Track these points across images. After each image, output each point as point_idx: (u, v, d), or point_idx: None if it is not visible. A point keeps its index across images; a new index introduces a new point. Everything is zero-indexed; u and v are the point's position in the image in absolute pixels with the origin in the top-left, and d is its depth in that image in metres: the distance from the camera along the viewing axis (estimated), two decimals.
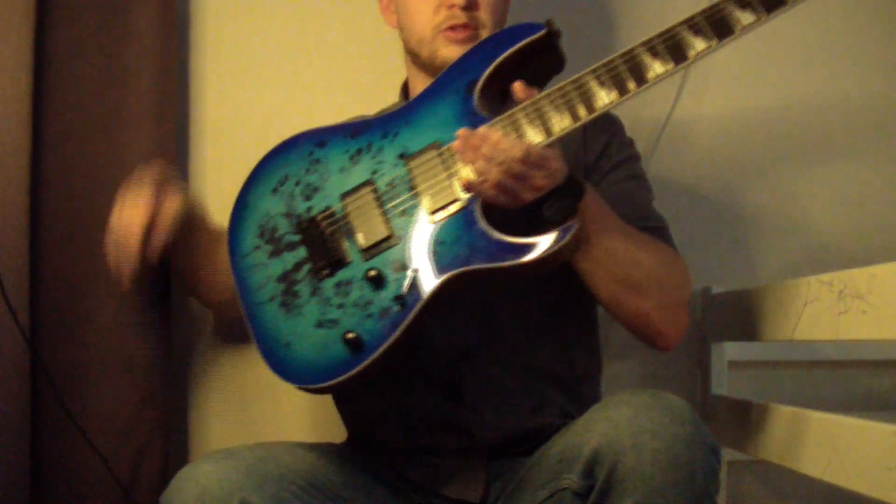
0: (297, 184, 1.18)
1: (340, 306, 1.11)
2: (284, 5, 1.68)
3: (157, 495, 1.08)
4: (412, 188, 1.13)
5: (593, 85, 1.09)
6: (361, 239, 1.13)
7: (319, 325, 1.11)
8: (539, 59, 1.17)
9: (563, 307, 1.29)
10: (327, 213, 1.15)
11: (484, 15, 1.26)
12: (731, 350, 1.65)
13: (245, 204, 1.20)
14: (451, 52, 1.26)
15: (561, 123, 1.09)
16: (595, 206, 1.13)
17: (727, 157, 1.77)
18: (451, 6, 1.25)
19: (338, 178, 1.17)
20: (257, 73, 1.67)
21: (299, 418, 1.58)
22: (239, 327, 1.21)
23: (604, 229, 1.14)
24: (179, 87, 1.62)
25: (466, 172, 1.09)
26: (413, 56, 1.33)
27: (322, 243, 1.14)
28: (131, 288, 1.29)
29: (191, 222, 1.28)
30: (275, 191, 1.19)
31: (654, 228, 1.26)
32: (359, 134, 1.19)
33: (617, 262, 1.15)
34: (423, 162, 1.13)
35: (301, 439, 1.28)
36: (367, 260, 1.12)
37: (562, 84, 1.10)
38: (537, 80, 1.15)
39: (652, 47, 1.09)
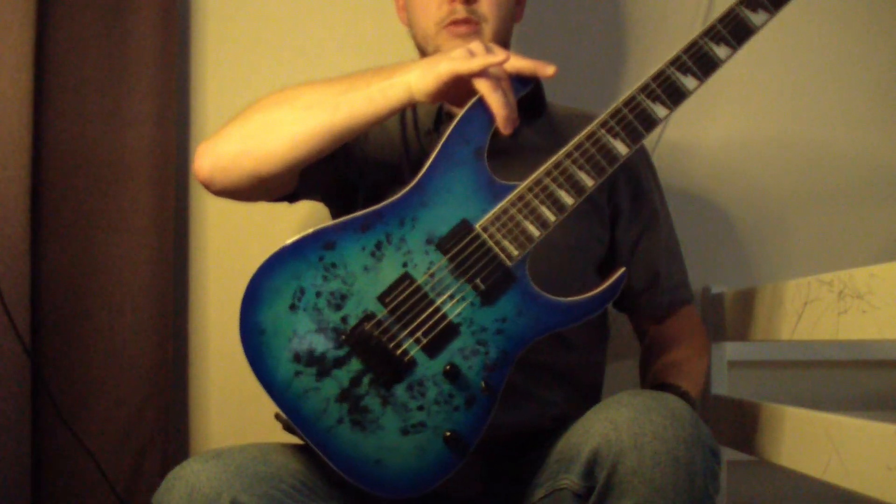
0: (318, 295, 1.08)
1: (421, 408, 1.07)
2: (284, 5, 1.68)
3: None
4: (457, 274, 1.09)
5: (609, 138, 1.11)
6: (421, 337, 1.08)
7: (405, 432, 1.07)
8: (523, 107, 1.18)
9: None
10: (370, 318, 1.08)
11: (485, 9, 1.26)
12: (731, 350, 1.65)
13: (260, 329, 1.08)
14: (453, 47, 1.25)
15: (589, 181, 1.10)
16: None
17: (728, 156, 1.77)
18: (452, 1, 1.25)
19: (365, 278, 1.09)
20: (257, 73, 1.67)
21: None
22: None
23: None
24: (179, 87, 1.62)
25: (509, 245, 1.09)
26: (421, 52, 1.33)
27: (378, 351, 1.07)
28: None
29: None
30: (293, 307, 1.08)
31: (684, 299, 1.42)
32: (370, 226, 1.10)
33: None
34: (459, 245, 1.10)
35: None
36: (433, 357, 1.08)
37: (577, 140, 1.11)
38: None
39: (651, 91, 1.11)
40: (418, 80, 1.10)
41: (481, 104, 1.10)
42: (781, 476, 1.59)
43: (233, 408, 1.62)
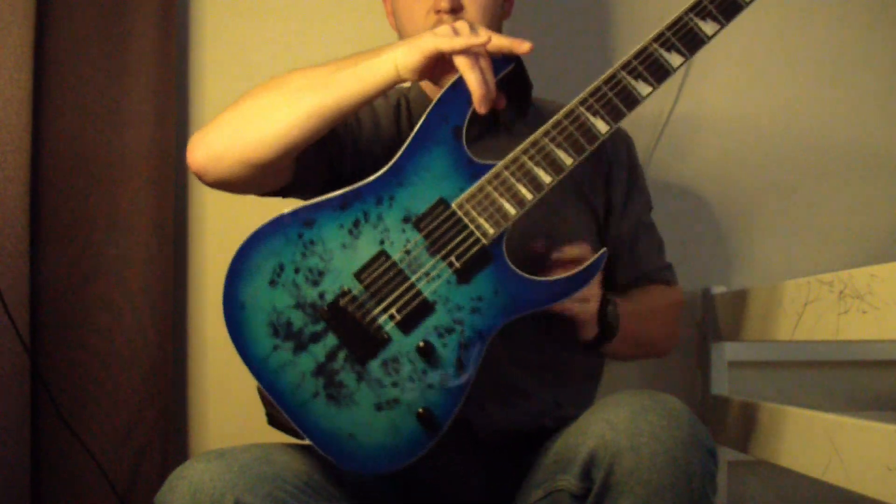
0: (296, 271, 1.10)
1: (395, 384, 1.08)
2: (284, 5, 1.68)
3: None
4: (432, 251, 1.10)
5: (588, 116, 1.10)
6: (395, 313, 1.09)
7: (379, 408, 1.08)
8: (507, 87, 1.17)
9: None
10: (346, 294, 1.09)
11: (471, 16, 1.26)
12: (731, 350, 1.65)
13: (240, 304, 1.10)
14: None
15: (567, 160, 1.10)
16: (624, 308, 1.23)
17: (727, 157, 1.77)
18: (438, 11, 1.26)
19: (342, 255, 1.10)
20: (257, 73, 1.67)
21: None
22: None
23: (643, 321, 1.24)
24: (179, 87, 1.62)
25: (485, 223, 1.10)
26: None
27: (353, 327, 1.09)
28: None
29: None
30: (272, 283, 1.10)
31: (663, 269, 1.39)
32: (349, 204, 1.11)
33: (635, 339, 1.26)
34: (434, 222, 1.10)
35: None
36: (407, 333, 1.09)
37: (556, 119, 1.10)
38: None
39: (633, 69, 1.11)
40: (403, 56, 1.10)
41: (461, 84, 1.10)
42: (781, 476, 1.60)
43: (232, 408, 1.62)
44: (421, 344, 1.08)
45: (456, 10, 1.25)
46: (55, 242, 1.52)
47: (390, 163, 1.13)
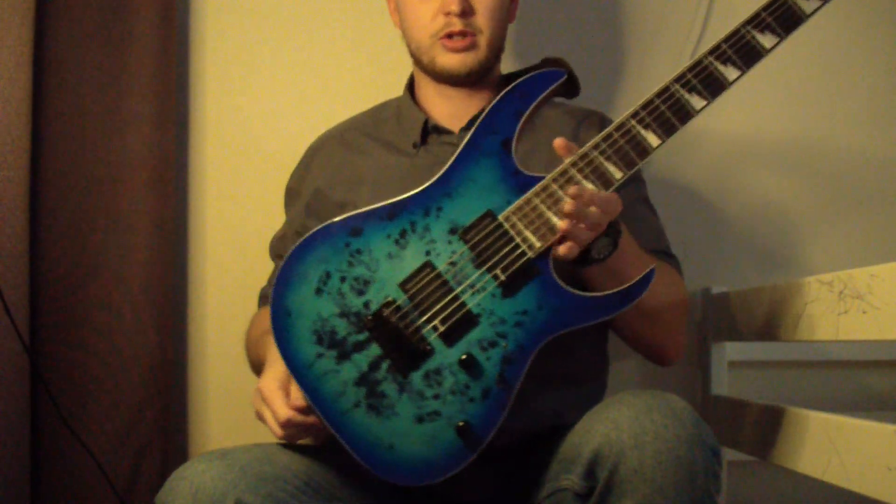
0: (342, 280, 1.11)
1: (436, 397, 1.08)
2: (284, 5, 1.68)
3: None
4: (478, 263, 1.10)
5: (639, 129, 1.10)
6: (439, 325, 1.09)
7: (420, 420, 1.08)
8: (556, 95, 1.17)
9: None
10: (390, 304, 1.10)
11: (481, 21, 1.26)
12: (731, 350, 1.65)
13: (287, 311, 1.11)
14: (448, 60, 1.28)
15: (617, 173, 1.10)
16: (626, 241, 1.15)
17: (728, 156, 1.77)
18: (448, 13, 1.25)
19: (388, 265, 1.11)
20: (257, 73, 1.67)
21: None
22: None
23: (631, 264, 1.15)
24: (179, 87, 1.62)
25: (532, 236, 1.09)
26: (415, 60, 1.35)
27: (396, 338, 1.09)
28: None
29: None
30: (318, 291, 1.11)
31: (663, 253, 1.32)
32: (396, 215, 1.12)
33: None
34: (481, 234, 1.11)
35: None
36: (450, 345, 1.09)
37: (607, 132, 1.10)
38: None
39: (686, 82, 1.10)
40: None
41: (511, 96, 1.12)
42: (781, 476, 1.60)
43: (232, 408, 1.62)
44: (464, 357, 1.08)
45: (466, 14, 1.26)
46: (55, 242, 1.52)
47: (438, 174, 1.14)
